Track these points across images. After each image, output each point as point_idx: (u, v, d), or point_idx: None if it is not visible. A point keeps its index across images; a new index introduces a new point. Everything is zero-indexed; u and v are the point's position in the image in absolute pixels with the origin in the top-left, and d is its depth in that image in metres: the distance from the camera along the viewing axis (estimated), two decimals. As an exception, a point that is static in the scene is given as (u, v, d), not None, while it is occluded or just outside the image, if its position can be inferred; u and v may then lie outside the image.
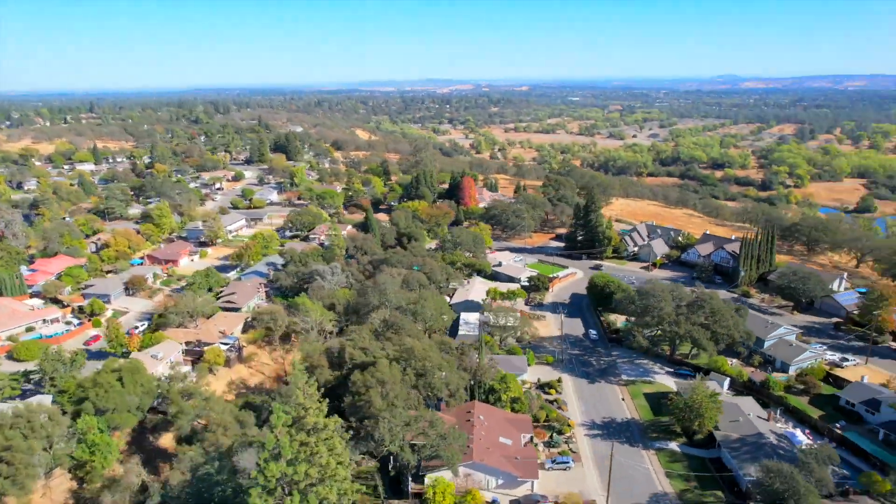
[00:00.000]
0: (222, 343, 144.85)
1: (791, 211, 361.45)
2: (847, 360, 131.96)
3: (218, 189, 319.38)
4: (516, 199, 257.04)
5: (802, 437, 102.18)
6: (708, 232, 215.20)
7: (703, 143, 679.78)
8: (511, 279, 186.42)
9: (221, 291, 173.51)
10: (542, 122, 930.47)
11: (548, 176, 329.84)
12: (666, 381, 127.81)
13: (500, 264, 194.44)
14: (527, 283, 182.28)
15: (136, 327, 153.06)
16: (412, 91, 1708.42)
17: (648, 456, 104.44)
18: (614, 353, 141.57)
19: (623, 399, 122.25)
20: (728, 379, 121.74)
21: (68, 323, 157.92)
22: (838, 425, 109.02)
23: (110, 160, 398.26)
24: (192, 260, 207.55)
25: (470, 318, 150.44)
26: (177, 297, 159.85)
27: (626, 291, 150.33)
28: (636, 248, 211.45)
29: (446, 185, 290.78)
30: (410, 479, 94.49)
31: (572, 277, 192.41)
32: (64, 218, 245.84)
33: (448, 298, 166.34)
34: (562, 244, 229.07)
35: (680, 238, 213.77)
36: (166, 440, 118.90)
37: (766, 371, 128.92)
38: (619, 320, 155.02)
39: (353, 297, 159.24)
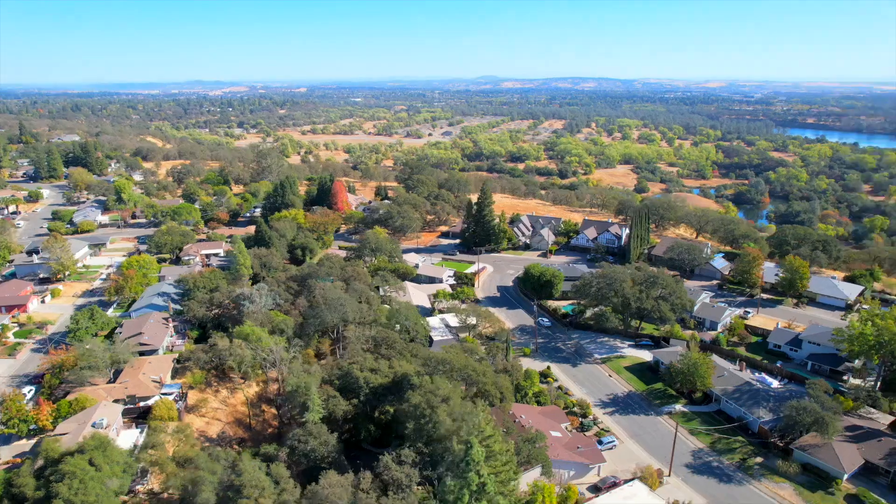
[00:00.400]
0: (164, 393, 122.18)
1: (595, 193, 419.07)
2: (749, 312, 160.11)
3: (14, 213, 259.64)
4: (395, 200, 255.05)
5: (772, 380, 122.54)
6: (587, 218, 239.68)
7: (496, 138, 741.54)
8: (432, 280, 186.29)
9: (117, 332, 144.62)
10: (336, 124, 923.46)
11: (399, 177, 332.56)
12: (633, 353, 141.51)
13: (417, 266, 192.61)
14: (453, 282, 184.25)
15: (24, 395, 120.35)
16: (181, 93, 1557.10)
17: (664, 420, 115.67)
18: (574, 336, 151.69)
19: (610, 376, 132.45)
20: (685, 343, 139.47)
21: None
22: (779, 364, 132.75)
23: None
24: (44, 301, 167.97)
25: (435, 323, 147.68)
26: (77, 347, 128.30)
27: (570, 278, 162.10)
28: (527, 239, 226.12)
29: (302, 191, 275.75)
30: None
31: (485, 272, 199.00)
32: None
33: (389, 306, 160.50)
34: (450, 241, 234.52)
35: (561, 225, 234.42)
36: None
37: (699, 331, 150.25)
38: (558, 306, 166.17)
39: (296, 318, 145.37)
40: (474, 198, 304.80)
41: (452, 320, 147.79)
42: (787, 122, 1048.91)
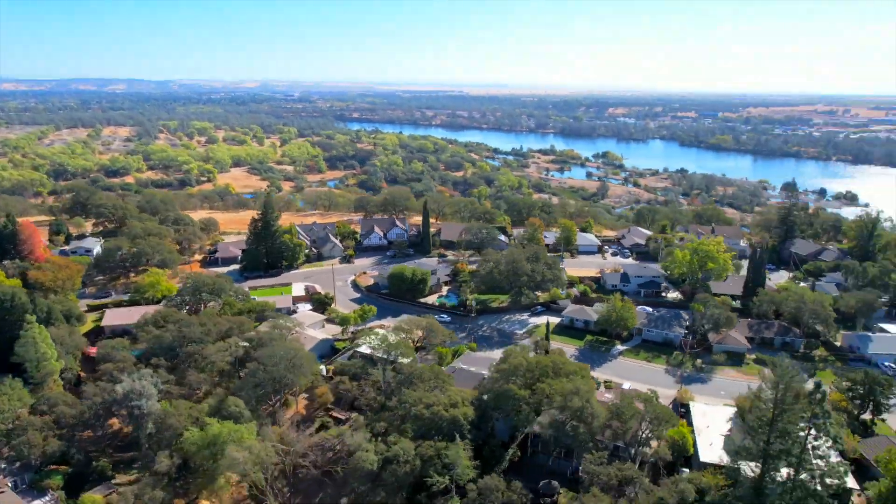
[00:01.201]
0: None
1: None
2: (563, 268, 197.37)
3: None
4: (127, 234, 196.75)
5: (650, 309, 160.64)
6: (363, 218, 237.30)
7: (67, 151, 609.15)
8: (279, 310, 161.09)
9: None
10: None
11: (56, 209, 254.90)
12: (540, 320, 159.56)
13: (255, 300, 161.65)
14: (310, 307, 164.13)
15: None
16: None
17: (622, 360, 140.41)
18: (480, 321, 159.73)
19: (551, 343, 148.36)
20: (569, 300, 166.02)
21: None
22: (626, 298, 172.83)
23: None
24: None
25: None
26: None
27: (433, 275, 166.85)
28: (315, 250, 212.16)
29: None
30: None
31: (316, 289, 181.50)
32: None
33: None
34: (228, 268, 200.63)
35: (335, 230, 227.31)
36: None
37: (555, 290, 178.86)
38: (433, 300, 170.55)
39: (212, 404, 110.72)
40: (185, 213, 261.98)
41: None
42: (340, 117, 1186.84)
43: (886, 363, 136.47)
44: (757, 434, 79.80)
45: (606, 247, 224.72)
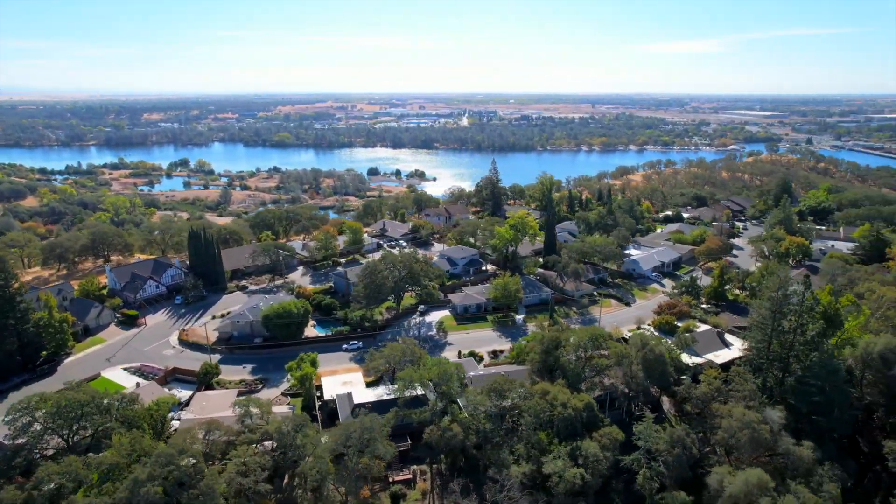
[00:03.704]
0: None
1: None
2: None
3: None
4: None
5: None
6: (112, 269, 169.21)
7: None
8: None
9: None
10: None
11: None
12: (435, 316, 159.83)
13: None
14: (186, 392, 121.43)
15: None
16: None
17: (532, 326, 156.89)
18: (392, 335, 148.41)
19: (469, 332, 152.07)
20: (441, 293, 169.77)
21: None
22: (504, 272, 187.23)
23: None
24: None
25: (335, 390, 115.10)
26: None
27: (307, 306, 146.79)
28: (79, 322, 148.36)
29: None
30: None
31: (152, 367, 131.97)
32: None
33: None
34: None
35: (74, 292, 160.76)
36: None
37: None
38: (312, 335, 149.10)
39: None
40: None
41: (365, 393, 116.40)
42: None
43: (653, 274, 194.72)
44: (765, 319, 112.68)
45: (380, 241, 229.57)
